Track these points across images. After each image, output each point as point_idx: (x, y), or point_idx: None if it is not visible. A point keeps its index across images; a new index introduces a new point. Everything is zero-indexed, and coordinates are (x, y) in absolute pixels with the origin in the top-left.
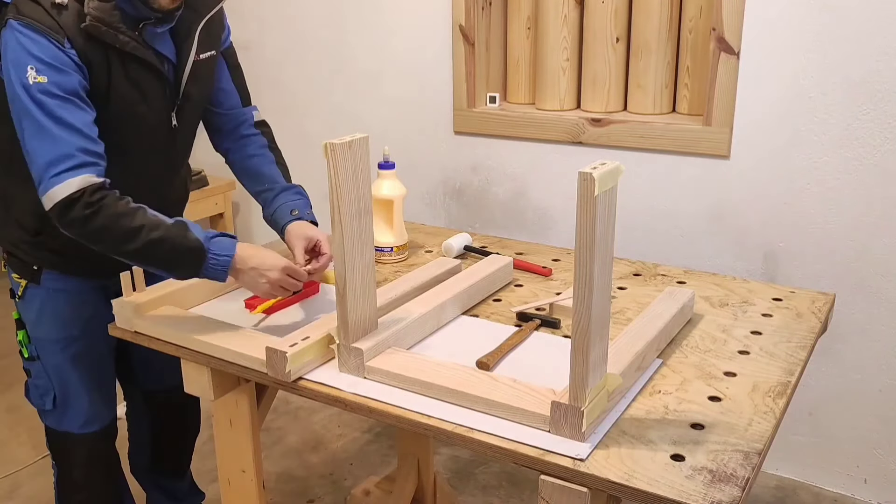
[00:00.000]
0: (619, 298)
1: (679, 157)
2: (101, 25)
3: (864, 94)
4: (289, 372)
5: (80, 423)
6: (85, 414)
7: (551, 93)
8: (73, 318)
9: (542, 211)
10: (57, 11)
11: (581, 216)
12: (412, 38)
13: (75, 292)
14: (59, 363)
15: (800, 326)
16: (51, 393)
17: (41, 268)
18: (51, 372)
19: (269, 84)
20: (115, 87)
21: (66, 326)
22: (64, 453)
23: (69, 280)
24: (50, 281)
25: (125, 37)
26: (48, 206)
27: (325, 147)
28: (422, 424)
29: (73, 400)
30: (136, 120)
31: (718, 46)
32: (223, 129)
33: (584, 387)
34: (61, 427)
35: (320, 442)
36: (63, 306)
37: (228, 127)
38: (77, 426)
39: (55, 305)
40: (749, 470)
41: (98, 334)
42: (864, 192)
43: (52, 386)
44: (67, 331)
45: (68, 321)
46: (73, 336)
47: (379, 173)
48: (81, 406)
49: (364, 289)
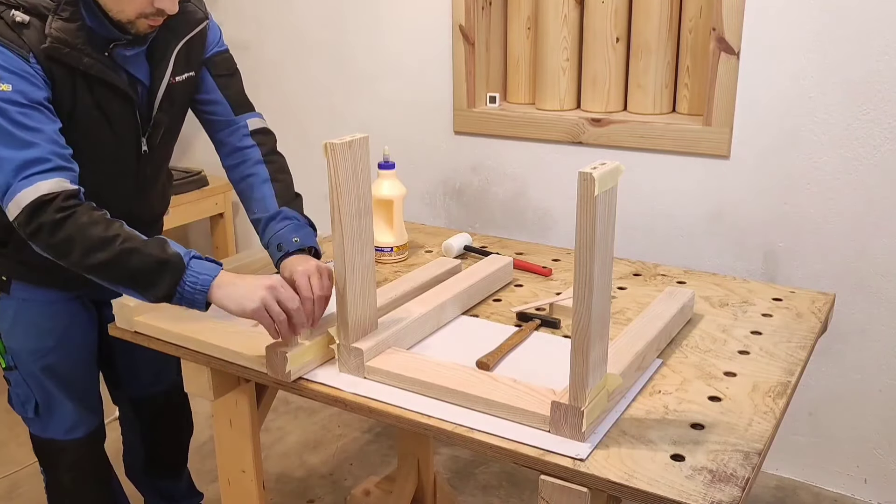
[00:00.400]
0: (619, 298)
1: (679, 157)
2: (63, 47)
3: (864, 94)
4: (289, 372)
5: (65, 429)
6: (69, 420)
7: (551, 93)
8: (47, 330)
9: (542, 211)
10: (20, 29)
11: (581, 216)
12: (412, 38)
13: (47, 303)
14: (35, 373)
15: (800, 326)
16: (32, 401)
17: (10, 278)
18: (29, 381)
19: (268, 84)
20: (79, 109)
21: (40, 337)
22: (50, 459)
23: (38, 291)
24: (20, 291)
25: (90, 59)
26: (14, 212)
27: (325, 147)
28: (422, 424)
29: (55, 407)
30: (101, 144)
31: (718, 46)
32: (217, 139)
33: (584, 387)
34: (46, 434)
35: (320, 442)
36: (36, 317)
37: (224, 138)
38: (61, 433)
39: (28, 316)
40: (749, 470)
41: (75, 343)
42: (864, 192)
43: (32, 394)
44: (42, 342)
45: (42, 332)
46: (48, 347)
47: (379, 173)
48: (64, 413)
49: (364, 289)
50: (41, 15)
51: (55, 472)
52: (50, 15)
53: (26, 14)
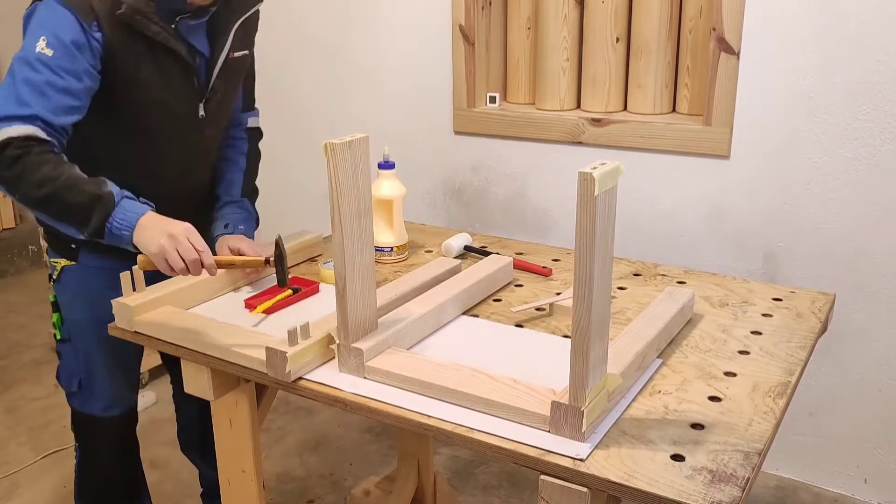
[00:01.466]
0: (619, 298)
1: (679, 157)
2: (135, 14)
3: (864, 94)
4: (289, 372)
5: (103, 406)
6: (108, 398)
7: (551, 93)
8: (106, 300)
9: (542, 211)
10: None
11: (581, 216)
12: (412, 38)
13: (112, 270)
14: (89, 345)
15: (800, 326)
16: (77, 375)
17: (79, 246)
18: (80, 354)
19: (269, 84)
20: (142, 75)
21: (99, 307)
22: (87, 435)
23: (105, 258)
24: (87, 258)
25: (157, 27)
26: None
27: (325, 147)
28: (422, 424)
29: (97, 383)
30: (161, 107)
31: (718, 46)
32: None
33: (584, 387)
34: (85, 409)
35: (320, 442)
36: (98, 287)
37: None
38: (100, 409)
39: (91, 286)
40: (749, 470)
41: None
42: (864, 192)
43: (79, 369)
44: (100, 312)
45: (102, 302)
46: (104, 318)
47: (379, 173)
48: (105, 390)
49: (364, 289)
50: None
51: (90, 448)
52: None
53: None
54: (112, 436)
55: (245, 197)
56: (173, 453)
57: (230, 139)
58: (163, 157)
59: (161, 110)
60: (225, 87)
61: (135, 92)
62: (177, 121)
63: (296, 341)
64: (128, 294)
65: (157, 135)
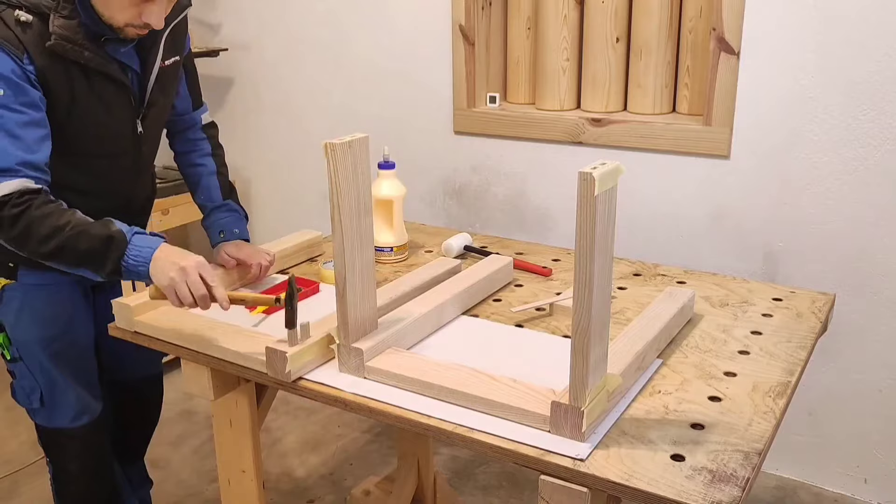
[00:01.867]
0: (619, 298)
1: (679, 157)
2: (66, 43)
3: (864, 94)
4: (289, 372)
5: (71, 417)
6: (74, 408)
7: (551, 93)
8: (52, 317)
9: (542, 211)
10: (21, 29)
11: (581, 216)
12: (412, 38)
13: (54, 286)
14: (41, 362)
15: (800, 326)
16: (37, 391)
17: (17, 265)
18: (35, 371)
19: (268, 84)
20: (78, 101)
21: (45, 326)
22: (58, 449)
23: (45, 274)
24: (27, 277)
25: (89, 53)
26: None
27: (325, 147)
28: (422, 424)
29: (60, 396)
30: (100, 130)
31: (718, 46)
32: (173, 130)
33: (584, 387)
34: (52, 424)
35: (320, 442)
36: (41, 305)
37: (178, 129)
38: (68, 420)
39: (34, 304)
40: (749, 470)
41: (78, 331)
42: (864, 192)
43: (37, 384)
44: (47, 330)
45: (48, 320)
46: (53, 335)
47: (379, 173)
48: (69, 401)
49: (364, 289)
50: (42, 14)
51: (62, 461)
52: (51, 13)
53: (29, 14)
54: (84, 445)
55: (226, 198)
56: (173, 453)
57: (190, 143)
58: (103, 176)
59: (100, 132)
60: (161, 97)
61: (73, 118)
62: (115, 141)
63: (296, 341)
64: (128, 294)
65: (95, 155)
